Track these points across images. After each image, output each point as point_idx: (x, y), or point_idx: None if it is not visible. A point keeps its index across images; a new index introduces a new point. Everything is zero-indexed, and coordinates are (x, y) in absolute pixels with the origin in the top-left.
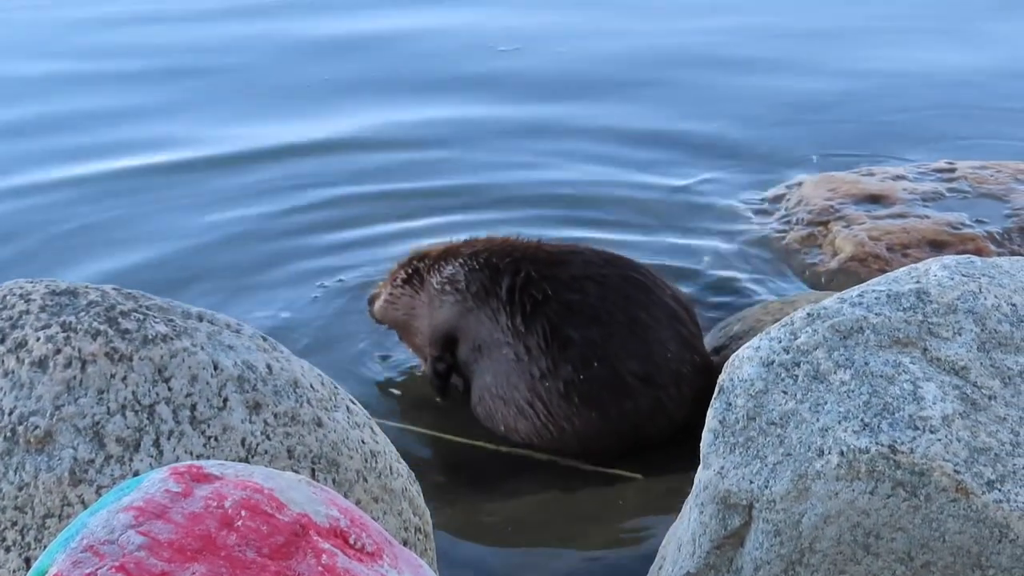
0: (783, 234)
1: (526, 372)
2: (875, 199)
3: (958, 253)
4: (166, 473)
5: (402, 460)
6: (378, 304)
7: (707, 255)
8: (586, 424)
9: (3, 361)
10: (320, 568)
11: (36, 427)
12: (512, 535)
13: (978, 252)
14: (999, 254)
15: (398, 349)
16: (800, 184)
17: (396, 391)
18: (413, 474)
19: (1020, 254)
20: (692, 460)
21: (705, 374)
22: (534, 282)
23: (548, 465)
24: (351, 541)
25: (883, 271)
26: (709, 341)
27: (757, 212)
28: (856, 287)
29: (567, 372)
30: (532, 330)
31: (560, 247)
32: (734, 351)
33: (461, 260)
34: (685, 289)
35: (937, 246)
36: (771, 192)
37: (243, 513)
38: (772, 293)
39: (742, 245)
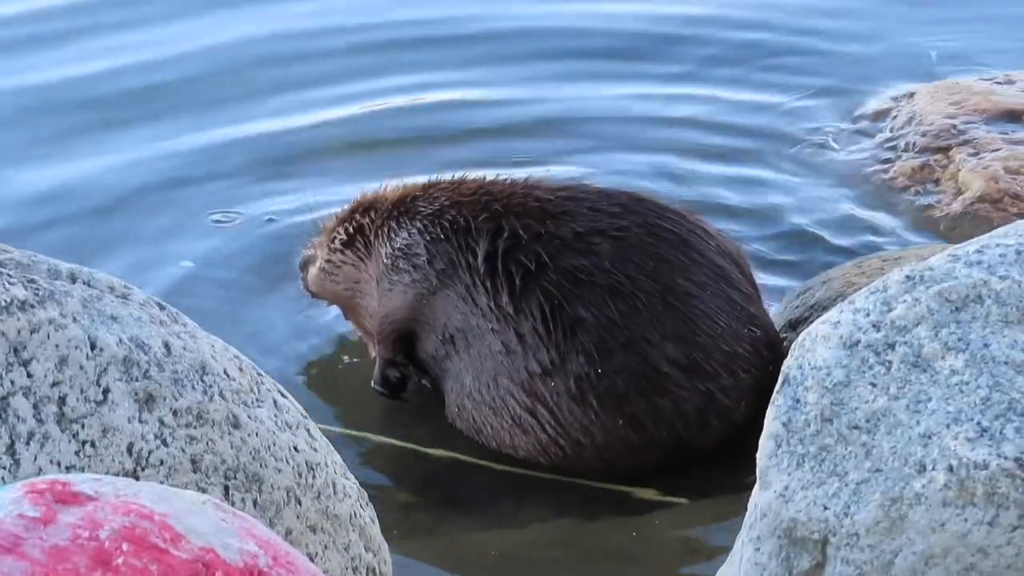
0: (887, 165)
1: (520, 368)
2: (1014, 116)
3: None
4: (21, 491)
5: (350, 475)
6: (312, 272)
7: (779, 194)
8: (609, 435)
9: None
10: None
11: None
12: None
13: None
14: None
15: (345, 322)
16: (912, 95)
17: (344, 382)
18: (366, 494)
19: None
20: (752, 477)
21: (770, 353)
22: (523, 245)
23: (558, 483)
24: None
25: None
26: (782, 313)
27: (850, 134)
28: (975, 240)
29: (578, 365)
30: (525, 311)
31: (557, 190)
32: None
33: (419, 223)
34: (748, 241)
35: None
36: (871, 106)
37: (125, 547)
38: (869, 247)
39: (829, 180)
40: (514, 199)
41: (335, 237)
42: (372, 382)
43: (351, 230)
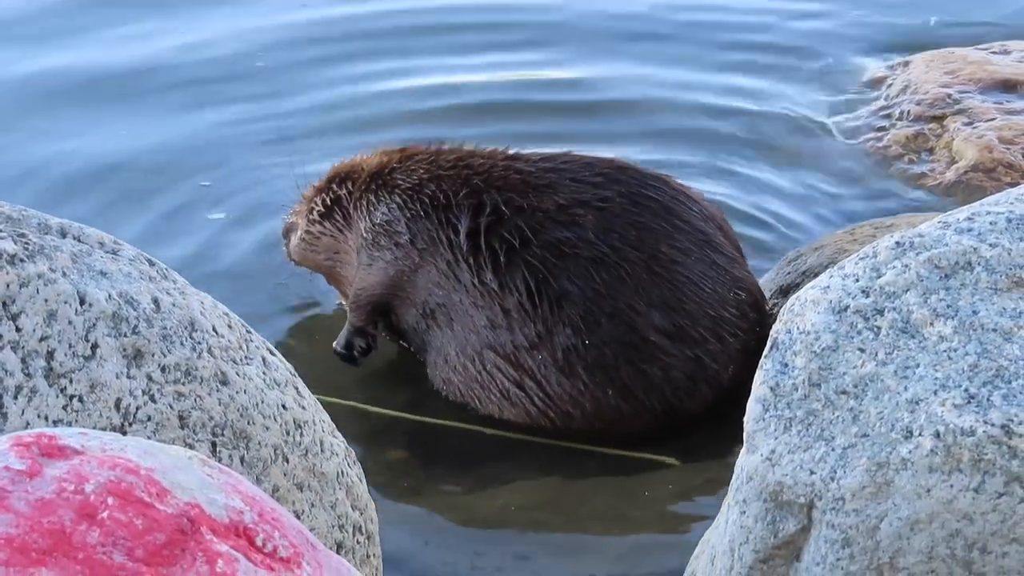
0: (881, 133)
1: (507, 343)
2: (1009, 86)
3: None
4: (6, 444)
5: (338, 434)
6: (294, 242)
7: (773, 160)
8: (599, 405)
9: None
10: None
11: None
12: (496, 538)
13: None
14: None
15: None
16: (907, 64)
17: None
18: (353, 453)
19: None
20: (739, 441)
21: (756, 315)
22: (506, 220)
23: (546, 445)
24: (258, 542)
25: (1018, 185)
26: (773, 279)
27: (846, 102)
28: (965, 207)
29: (565, 337)
30: (509, 286)
31: (538, 161)
32: None
33: (399, 197)
34: (741, 207)
35: None
36: (866, 74)
37: (110, 501)
38: (861, 214)
39: (824, 147)
40: (495, 172)
41: (313, 208)
42: (335, 344)
43: (328, 201)
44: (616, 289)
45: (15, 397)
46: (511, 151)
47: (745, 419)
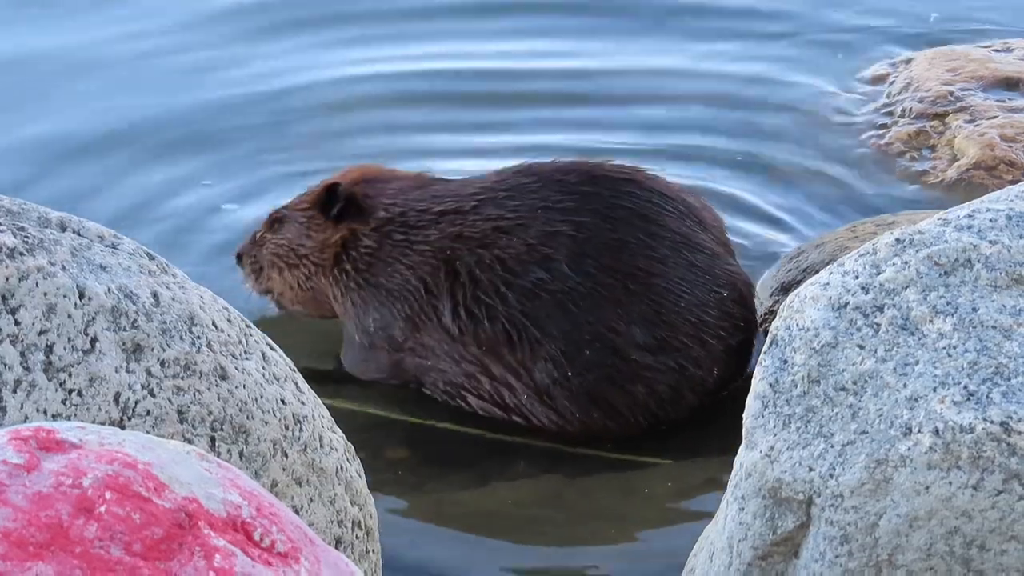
0: (883, 131)
1: (486, 384)
2: (1011, 83)
3: None
4: (5, 438)
5: (337, 429)
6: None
7: (776, 158)
8: (586, 427)
9: None
10: (211, 574)
11: None
12: (493, 536)
13: None
14: None
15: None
16: (909, 61)
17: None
18: (352, 448)
19: None
20: (738, 438)
21: (739, 308)
22: (481, 283)
23: (545, 445)
24: (256, 537)
25: (1019, 182)
26: (775, 276)
27: (848, 99)
28: (966, 204)
29: (547, 373)
30: (491, 340)
31: (506, 194)
32: None
33: (387, 298)
34: (743, 205)
35: None
36: (869, 71)
37: (108, 495)
38: (863, 211)
39: (826, 144)
40: (466, 230)
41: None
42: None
43: (305, 275)
44: (594, 315)
45: (14, 391)
46: (483, 191)
47: (744, 416)
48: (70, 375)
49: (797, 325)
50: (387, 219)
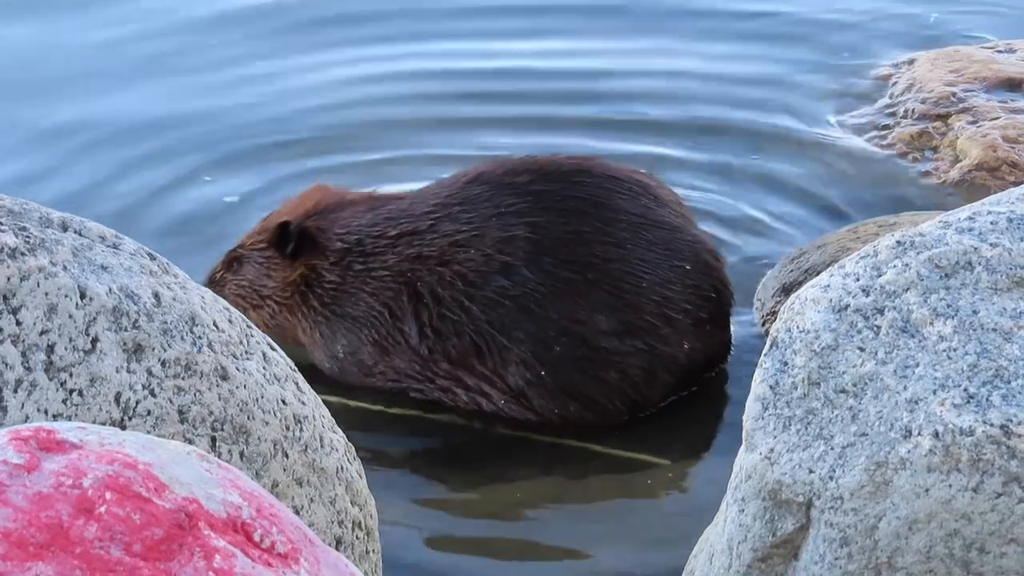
0: (886, 132)
1: (460, 392)
2: (1014, 84)
3: None
4: (5, 439)
5: (338, 429)
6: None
7: (777, 159)
8: (564, 420)
9: None
10: (211, 575)
11: None
12: (493, 536)
13: None
14: None
15: None
16: (912, 62)
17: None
18: (353, 449)
19: None
20: (738, 439)
21: (705, 277)
22: (443, 301)
23: (546, 444)
24: (256, 538)
25: (1022, 184)
26: (777, 276)
27: (850, 99)
28: (967, 206)
29: (520, 376)
30: (461, 355)
31: (460, 207)
32: None
33: (355, 327)
34: (744, 205)
35: None
36: (871, 72)
37: (108, 496)
38: (865, 212)
39: (828, 145)
40: (424, 249)
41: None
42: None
43: (270, 314)
44: (558, 311)
45: (15, 391)
46: (437, 201)
47: (744, 417)
48: (71, 375)
49: (797, 327)
50: (345, 250)
